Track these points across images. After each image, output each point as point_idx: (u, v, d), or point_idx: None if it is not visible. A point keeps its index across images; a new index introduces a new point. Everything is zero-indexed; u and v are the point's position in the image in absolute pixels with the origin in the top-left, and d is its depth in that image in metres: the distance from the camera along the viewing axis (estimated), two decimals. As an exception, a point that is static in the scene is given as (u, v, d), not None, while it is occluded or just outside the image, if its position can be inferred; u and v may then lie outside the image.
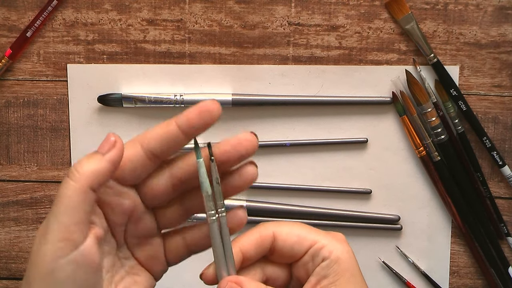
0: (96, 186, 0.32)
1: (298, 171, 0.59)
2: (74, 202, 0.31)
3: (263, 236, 0.37)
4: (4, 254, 0.61)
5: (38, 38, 0.58)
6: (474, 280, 0.60)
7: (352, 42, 0.57)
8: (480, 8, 0.57)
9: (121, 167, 0.33)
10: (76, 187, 0.31)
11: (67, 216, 0.31)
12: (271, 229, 0.37)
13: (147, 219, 0.36)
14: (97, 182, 0.32)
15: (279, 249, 0.37)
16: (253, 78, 0.58)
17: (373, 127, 0.58)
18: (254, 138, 0.35)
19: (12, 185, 0.60)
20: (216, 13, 0.57)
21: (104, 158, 0.32)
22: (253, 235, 0.37)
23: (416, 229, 0.59)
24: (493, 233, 0.59)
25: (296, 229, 0.37)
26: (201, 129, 0.34)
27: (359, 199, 0.59)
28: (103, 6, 0.57)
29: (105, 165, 0.32)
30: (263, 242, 0.37)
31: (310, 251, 0.36)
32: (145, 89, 0.58)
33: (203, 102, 0.34)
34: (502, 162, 0.58)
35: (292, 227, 0.37)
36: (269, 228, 0.37)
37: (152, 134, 0.34)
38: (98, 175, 0.32)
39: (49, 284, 0.31)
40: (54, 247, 0.31)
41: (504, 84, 0.58)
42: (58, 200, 0.32)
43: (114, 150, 0.33)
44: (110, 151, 0.32)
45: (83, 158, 0.32)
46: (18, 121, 0.59)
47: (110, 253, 0.35)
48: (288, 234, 0.37)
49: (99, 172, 0.32)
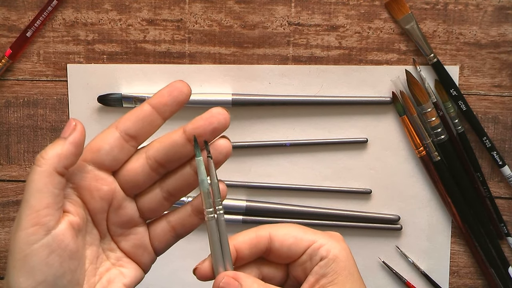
0: (61, 168, 0.33)
1: (298, 171, 0.59)
2: (41, 185, 0.32)
3: (259, 236, 0.37)
4: (4, 254, 0.61)
5: (38, 38, 0.58)
6: (474, 280, 0.60)
7: (352, 42, 0.57)
8: (480, 8, 0.57)
9: (98, 150, 0.35)
10: (41, 171, 0.33)
11: (35, 199, 0.32)
12: (268, 231, 0.37)
13: (128, 207, 0.36)
14: (62, 165, 0.33)
15: (276, 250, 0.37)
16: (253, 78, 0.58)
17: (373, 127, 0.58)
18: (225, 112, 0.37)
19: (12, 185, 0.60)
20: (216, 13, 0.57)
21: (66, 141, 0.34)
22: (248, 234, 0.37)
23: (416, 229, 0.59)
24: (493, 233, 0.59)
25: (293, 230, 0.37)
26: (174, 107, 0.36)
27: (359, 199, 0.59)
28: (103, 6, 0.57)
29: (68, 147, 0.34)
30: (258, 242, 0.37)
31: (308, 251, 0.36)
32: (145, 89, 0.58)
33: (174, 82, 0.36)
34: (502, 162, 0.58)
35: (289, 228, 0.37)
36: (266, 229, 0.37)
37: (126, 116, 0.35)
38: (61, 157, 0.33)
39: (24, 269, 0.32)
40: (26, 232, 0.32)
41: (504, 84, 0.58)
42: (27, 186, 0.33)
43: (75, 133, 0.34)
44: (71, 134, 0.34)
45: (48, 145, 0.34)
46: (18, 121, 0.59)
47: (93, 243, 0.36)
48: (285, 235, 0.37)
49: (63, 154, 0.33)
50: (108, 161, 0.35)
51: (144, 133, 0.36)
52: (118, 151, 0.35)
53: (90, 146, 0.35)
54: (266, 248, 0.37)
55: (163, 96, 0.35)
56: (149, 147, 0.36)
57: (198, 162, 0.33)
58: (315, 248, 0.36)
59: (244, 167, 0.59)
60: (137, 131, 0.35)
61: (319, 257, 0.36)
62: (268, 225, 0.38)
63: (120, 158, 0.35)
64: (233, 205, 0.58)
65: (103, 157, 0.35)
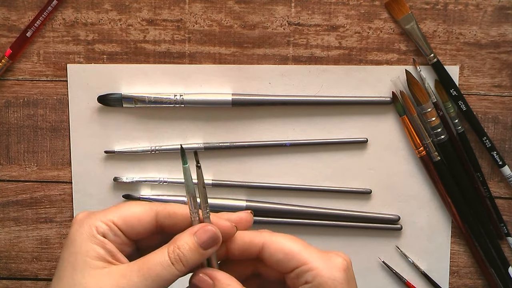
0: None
1: (298, 171, 0.59)
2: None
3: (252, 243, 0.37)
4: (4, 254, 0.61)
5: (38, 38, 0.58)
6: (474, 280, 0.60)
7: (352, 42, 0.57)
8: (480, 8, 0.57)
9: (132, 227, 0.36)
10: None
11: None
12: (263, 239, 0.37)
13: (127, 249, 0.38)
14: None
15: (266, 260, 0.37)
16: (253, 78, 0.58)
17: (373, 127, 0.58)
18: (251, 217, 0.38)
19: (12, 185, 0.60)
20: (216, 13, 0.57)
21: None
22: (243, 238, 0.37)
23: (416, 229, 0.59)
24: (493, 233, 0.59)
25: (288, 246, 0.36)
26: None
27: (359, 199, 0.59)
28: (103, 6, 0.57)
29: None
30: (250, 248, 0.37)
31: (296, 271, 0.35)
32: (145, 89, 0.58)
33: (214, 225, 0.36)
34: (502, 162, 0.58)
35: (285, 242, 0.36)
36: (262, 237, 0.37)
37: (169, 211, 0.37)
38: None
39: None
40: None
41: (504, 84, 0.58)
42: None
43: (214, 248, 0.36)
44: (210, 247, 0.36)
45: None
46: (18, 121, 0.59)
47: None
48: (277, 250, 0.36)
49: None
50: (133, 235, 0.37)
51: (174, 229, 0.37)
52: (145, 233, 0.37)
53: (125, 216, 0.37)
54: (256, 255, 0.37)
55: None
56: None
57: (184, 170, 0.34)
58: (303, 270, 0.35)
59: (244, 167, 0.59)
60: (169, 227, 0.37)
61: (304, 280, 0.35)
62: (268, 233, 0.37)
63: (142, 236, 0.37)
64: (233, 205, 0.58)
65: (131, 231, 0.37)
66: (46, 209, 0.60)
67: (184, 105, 0.57)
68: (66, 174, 0.60)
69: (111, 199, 0.60)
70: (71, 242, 0.35)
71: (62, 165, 0.60)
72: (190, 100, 0.57)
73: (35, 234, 0.61)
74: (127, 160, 0.59)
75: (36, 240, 0.61)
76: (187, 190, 0.35)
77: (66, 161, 0.60)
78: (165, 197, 0.59)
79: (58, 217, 0.61)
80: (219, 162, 0.59)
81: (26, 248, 0.61)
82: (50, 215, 0.61)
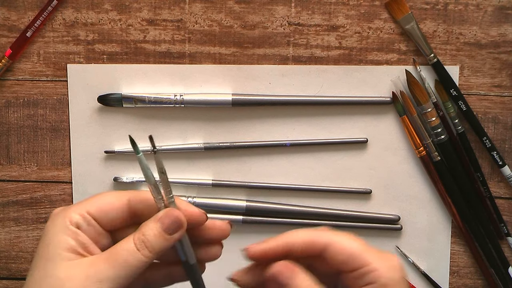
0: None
1: (298, 171, 0.59)
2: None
3: (316, 243, 0.36)
4: (4, 254, 0.61)
5: (38, 38, 0.58)
6: (474, 280, 0.60)
7: (352, 42, 0.57)
8: (480, 8, 0.57)
9: (105, 213, 0.36)
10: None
11: None
12: (327, 239, 0.36)
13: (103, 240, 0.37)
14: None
15: (328, 259, 0.36)
16: (253, 78, 0.58)
17: (373, 127, 0.58)
18: (228, 227, 0.38)
19: (12, 185, 0.60)
20: (216, 13, 0.57)
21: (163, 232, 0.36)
22: (307, 234, 0.37)
23: (416, 229, 0.59)
24: (493, 233, 0.59)
25: (351, 246, 0.36)
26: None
27: (359, 199, 0.59)
28: (103, 6, 0.57)
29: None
30: (312, 248, 0.36)
31: (359, 271, 0.35)
32: (145, 89, 0.58)
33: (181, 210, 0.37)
34: (502, 162, 0.58)
35: (348, 243, 0.36)
36: (326, 236, 0.36)
37: (139, 196, 0.37)
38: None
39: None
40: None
41: (504, 84, 0.58)
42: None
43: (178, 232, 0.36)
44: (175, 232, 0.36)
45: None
46: (18, 121, 0.59)
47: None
48: (340, 251, 0.36)
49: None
50: (108, 224, 0.37)
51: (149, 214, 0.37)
52: (119, 220, 0.37)
53: (98, 205, 0.37)
54: (319, 253, 0.36)
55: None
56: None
57: (139, 159, 0.34)
58: (366, 271, 0.35)
59: (244, 167, 0.59)
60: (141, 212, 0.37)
61: (366, 281, 0.35)
62: (330, 232, 0.37)
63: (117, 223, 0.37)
64: (233, 205, 0.58)
65: (105, 220, 0.37)
66: (46, 209, 0.60)
67: (184, 105, 0.57)
68: (66, 174, 0.60)
69: (111, 199, 0.60)
70: (45, 234, 0.35)
71: (62, 165, 0.60)
72: (190, 100, 0.57)
73: (35, 234, 0.61)
74: (127, 160, 0.59)
75: (36, 240, 0.61)
76: (146, 179, 0.35)
77: (66, 161, 0.60)
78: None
79: (58, 217, 0.60)
80: (219, 162, 0.59)
81: (26, 248, 0.61)
82: (50, 215, 0.61)
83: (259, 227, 0.59)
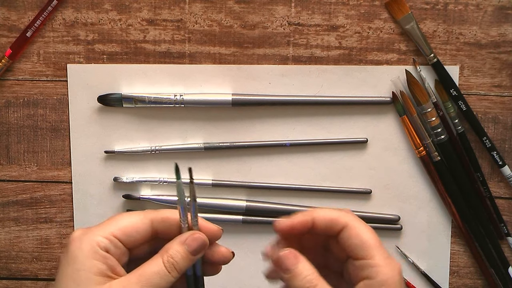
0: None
1: (298, 171, 0.59)
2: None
3: (337, 221, 0.38)
4: (4, 254, 0.61)
5: (38, 38, 0.58)
6: (474, 280, 0.60)
7: (352, 42, 0.57)
8: (480, 8, 0.57)
9: (128, 235, 0.37)
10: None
11: None
12: (347, 221, 0.38)
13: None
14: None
15: (341, 240, 0.38)
16: (253, 78, 0.58)
17: (373, 127, 0.58)
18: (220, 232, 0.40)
19: (12, 185, 0.60)
20: (216, 13, 0.57)
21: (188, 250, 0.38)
22: (331, 214, 0.38)
23: (416, 229, 0.59)
24: (493, 233, 0.59)
25: (367, 235, 0.38)
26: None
27: (359, 199, 0.59)
28: (103, 6, 0.57)
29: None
30: (333, 226, 0.38)
31: (362, 261, 0.37)
32: (145, 89, 0.58)
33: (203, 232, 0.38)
34: (502, 162, 0.58)
35: (365, 231, 0.38)
36: (346, 218, 0.38)
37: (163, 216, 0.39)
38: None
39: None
40: None
41: (504, 84, 0.58)
42: None
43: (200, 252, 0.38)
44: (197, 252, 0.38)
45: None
46: (18, 121, 0.59)
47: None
48: (356, 235, 0.38)
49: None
50: (131, 244, 0.38)
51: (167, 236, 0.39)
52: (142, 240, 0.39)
53: (122, 227, 0.38)
54: (337, 233, 0.38)
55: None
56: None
57: (178, 184, 0.37)
58: (368, 264, 0.37)
59: (244, 167, 0.59)
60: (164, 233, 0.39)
61: (366, 274, 0.37)
62: (352, 216, 0.39)
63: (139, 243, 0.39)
64: (233, 205, 0.58)
65: (129, 241, 0.38)
66: (46, 209, 0.60)
67: (184, 105, 0.57)
68: (66, 174, 0.60)
69: (111, 199, 0.60)
70: (73, 259, 0.36)
71: (62, 165, 0.60)
72: (190, 100, 0.57)
73: (35, 234, 0.61)
74: (127, 160, 0.59)
75: (36, 240, 0.61)
76: (179, 200, 0.37)
77: (66, 161, 0.60)
78: (165, 197, 0.59)
79: (58, 217, 0.61)
80: (219, 162, 0.59)
81: (26, 248, 0.61)
82: (50, 215, 0.61)
83: (259, 227, 0.59)
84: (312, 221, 0.38)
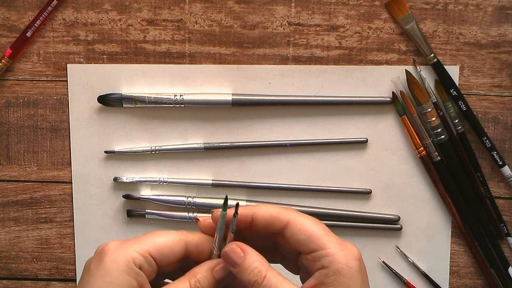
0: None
1: (298, 171, 0.59)
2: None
3: (278, 219, 0.38)
4: (4, 254, 0.61)
5: (38, 38, 0.58)
6: (474, 280, 0.60)
7: (352, 42, 0.57)
8: (480, 8, 0.57)
9: (163, 255, 0.38)
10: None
11: None
12: (288, 217, 0.38)
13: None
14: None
15: (287, 238, 0.38)
16: (253, 78, 0.58)
17: (373, 127, 0.58)
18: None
19: (12, 185, 0.60)
20: (216, 13, 0.57)
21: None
22: (269, 213, 0.38)
23: (416, 229, 0.59)
24: (493, 233, 0.59)
25: (311, 228, 0.37)
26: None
27: (359, 199, 0.59)
28: (103, 6, 0.57)
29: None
30: (274, 224, 0.38)
31: (315, 254, 0.37)
32: (145, 89, 0.58)
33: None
34: (502, 162, 0.58)
35: (308, 224, 0.37)
36: (287, 215, 0.38)
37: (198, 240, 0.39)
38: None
39: None
40: None
41: (504, 84, 0.58)
42: None
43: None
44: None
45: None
46: (18, 121, 0.59)
47: None
48: (300, 230, 0.37)
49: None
50: (162, 262, 0.38)
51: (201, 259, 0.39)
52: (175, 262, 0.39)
53: (157, 245, 0.38)
54: (279, 231, 0.38)
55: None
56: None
57: (221, 215, 0.38)
58: (321, 255, 0.36)
59: (244, 167, 0.59)
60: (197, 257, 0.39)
61: (321, 264, 0.36)
62: (293, 212, 0.38)
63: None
64: (233, 205, 0.58)
65: (161, 259, 0.38)
66: (46, 209, 0.60)
67: (184, 105, 0.57)
68: (66, 174, 0.60)
69: (111, 199, 0.60)
70: (107, 272, 0.36)
71: (62, 165, 0.60)
72: (190, 100, 0.57)
73: (35, 234, 0.61)
74: (127, 160, 0.59)
75: (36, 240, 0.61)
76: (218, 230, 0.38)
77: (66, 161, 0.60)
78: (165, 197, 0.59)
79: (58, 217, 0.61)
80: (219, 162, 0.59)
81: (26, 248, 0.61)
82: (50, 215, 0.61)
83: (259, 227, 0.59)
84: (250, 216, 0.38)
